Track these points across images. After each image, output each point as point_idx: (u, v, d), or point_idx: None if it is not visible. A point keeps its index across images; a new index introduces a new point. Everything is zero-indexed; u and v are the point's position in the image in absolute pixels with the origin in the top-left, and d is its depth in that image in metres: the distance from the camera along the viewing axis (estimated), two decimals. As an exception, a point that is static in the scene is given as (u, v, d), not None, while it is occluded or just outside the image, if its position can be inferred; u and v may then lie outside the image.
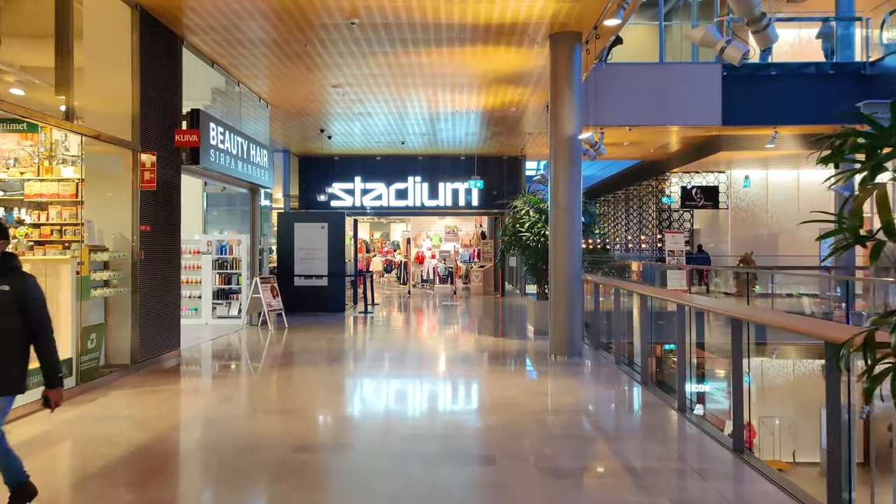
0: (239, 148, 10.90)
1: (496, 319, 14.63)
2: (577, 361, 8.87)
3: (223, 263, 13.04)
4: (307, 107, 13.81)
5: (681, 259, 21.41)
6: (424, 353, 9.68)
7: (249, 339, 11.19)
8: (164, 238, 8.71)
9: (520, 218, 11.59)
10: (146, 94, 8.20)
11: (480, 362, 8.98)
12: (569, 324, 9.12)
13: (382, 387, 7.51)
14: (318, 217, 15.89)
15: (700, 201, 21.32)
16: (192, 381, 7.66)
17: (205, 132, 9.38)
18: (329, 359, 9.14)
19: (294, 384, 7.54)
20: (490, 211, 21.17)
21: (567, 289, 9.12)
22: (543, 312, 11.26)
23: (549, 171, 9.29)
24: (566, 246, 9.14)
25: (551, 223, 9.29)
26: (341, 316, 14.65)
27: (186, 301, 12.86)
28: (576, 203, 9.16)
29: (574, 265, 9.15)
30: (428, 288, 23.26)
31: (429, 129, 16.24)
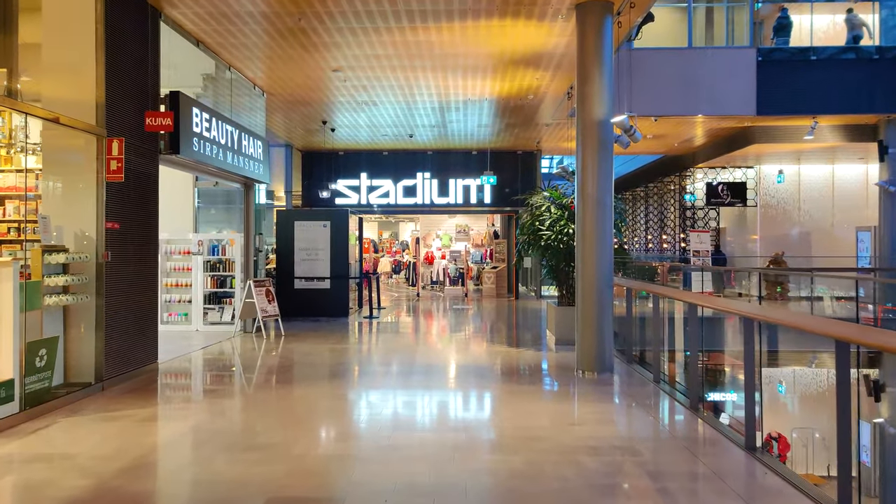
0: (228, 137, 9.83)
1: (512, 326, 13.49)
2: (609, 379, 7.73)
3: (215, 265, 12.00)
4: (307, 95, 12.74)
5: (706, 260, 20.25)
6: (433, 368, 8.57)
7: (240, 349, 10.12)
8: (137, 237, 7.64)
9: (539, 215, 10.46)
10: (114, 74, 7.14)
11: (496, 380, 7.86)
12: (599, 335, 7.98)
13: (382, 412, 6.40)
14: (320, 215, 14.82)
15: (727, 198, 20.10)
16: (163, 404, 6.58)
17: (186, 118, 8.32)
18: (323, 376, 8.04)
19: (280, 409, 6.45)
20: (503, 209, 20.04)
21: (596, 295, 7.98)
22: (566, 320, 10.14)
23: (577, 159, 8.16)
24: (595, 245, 7.99)
25: (578, 219, 8.15)
26: (344, 321, 13.57)
27: (176, 305, 11.84)
28: (607, 195, 8.02)
29: (604, 267, 8.01)
30: (438, 290, 22.15)
31: (438, 120, 15.13)
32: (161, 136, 8.06)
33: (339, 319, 13.84)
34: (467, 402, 6.77)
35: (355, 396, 7.02)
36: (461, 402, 6.77)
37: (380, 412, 6.29)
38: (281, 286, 14.43)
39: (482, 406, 6.70)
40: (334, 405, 6.60)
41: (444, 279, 22.04)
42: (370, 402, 6.81)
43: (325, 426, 5.86)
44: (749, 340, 4.77)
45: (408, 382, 7.67)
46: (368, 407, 6.61)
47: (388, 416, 6.09)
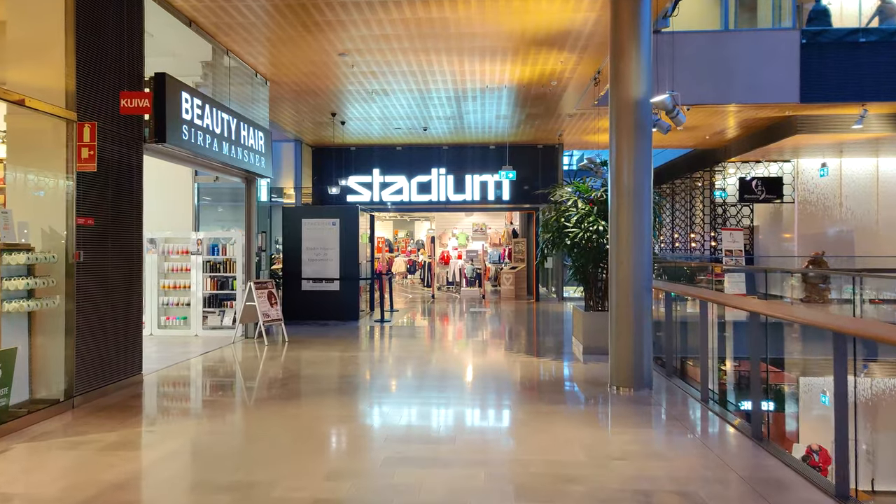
0: (225, 127, 9.00)
1: (533, 332, 12.55)
2: (648, 397, 6.78)
3: (215, 265, 11.19)
4: (313, 83, 11.89)
5: (739, 259, 19.15)
6: (447, 383, 7.67)
7: (239, 357, 9.29)
8: (116, 234, 6.83)
9: (565, 210, 9.51)
10: (88, 52, 6.32)
11: (519, 397, 6.94)
12: (636, 346, 7.03)
13: (386, 439, 5.51)
14: (329, 212, 13.97)
15: (761, 194, 18.99)
16: (137, 426, 5.74)
17: (174, 103, 7.49)
18: (323, 391, 7.16)
19: (269, 434, 5.59)
20: (521, 206, 19.09)
21: (633, 300, 7.03)
22: (595, 327, 9.19)
23: (610, 146, 7.21)
24: (631, 243, 7.04)
25: (612, 214, 7.20)
26: (354, 326, 12.71)
27: (174, 309, 11.07)
28: (644, 187, 7.06)
29: (642, 269, 7.05)
30: (454, 291, 21.25)
31: (454, 111, 14.22)
32: (145, 123, 7.24)
33: (349, 324, 12.99)
34: (486, 427, 5.86)
35: (356, 418, 6.13)
36: (479, 427, 5.86)
37: (383, 439, 5.39)
38: (288, 288, 13.63)
39: (503, 432, 5.78)
40: (330, 430, 5.71)
41: (460, 280, 21.13)
42: (372, 426, 5.93)
43: (318, 458, 4.97)
44: (841, 362, 3.80)
45: (417, 400, 6.77)
46: (370, 432, 5.72)
47: (393, 445, 5.19)
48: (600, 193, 9.32)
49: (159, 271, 11.13)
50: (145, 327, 11.03)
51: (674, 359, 7.94)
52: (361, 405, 6.52)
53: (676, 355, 8.07)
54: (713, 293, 6.94)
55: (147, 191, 11.36)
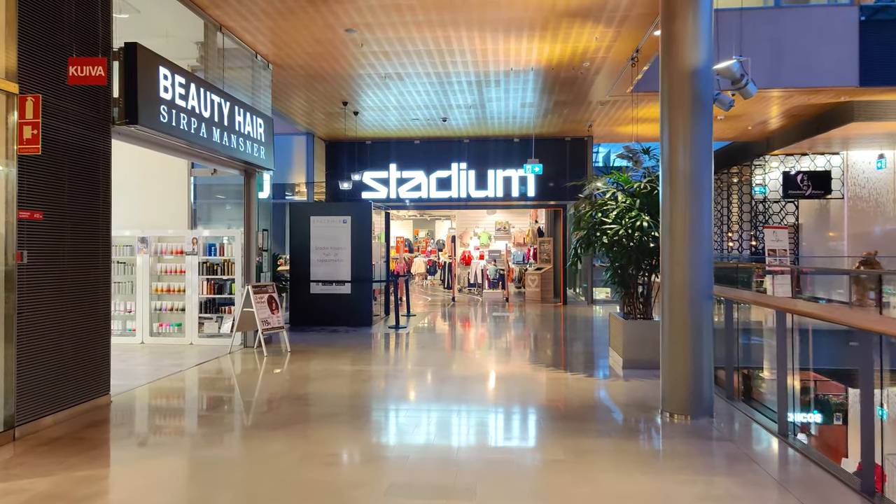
0: (216, 111, 7.95)
1: (563, 341, 11.35)
2: (709, 428, 5.57)
3: (213, 267, 10.17)
4: (321, 67, 10.82)
5: (784, 259, 17.72)
6: (464, 405, 6.54)
7: (232, 370, 8.25)
8: (76, 232, 5.80)
9: (602, 204, 8.31)
10: (34, 11, 5.29)
11: (553, 428, 5.76)
12: (694, 365, 5.82)
13: (388, 490, 4.38)
14: (340, 209, 12.90)
15: (807, 190, 17.54)
16: (80, 467, 4.68)
17: (148, 79, 6.44)
18: (319, 417, 6.05)
19: (237, 481, 4.49)
20: (547, 203, 17.87)
21: (690, 309, 5.82)
22: (636, 337, 7.99)
23: (661, 126, 6.01)
24: (688, 242, 5.84)
25: (664, 207, 6.00)
26: (366, 333, 11.61)
27: (167, 315, 10.08)
28: (704, 174, 5.85)
29: (701, 272, 5.84)
30: (475, 293, 20.09)
31: (476, 98, 13.07)
32: (114, 102, 6.20)
33: (361, 330, 11.90)
34: (514, 474, 4.69)
35: (352, 457, 5.01)
36: (505, 473, 4.70)
37: (383, 491, 4.26)
38: (295, 291, 12.59)
39: (537, 481, 4.62)
40: (319, 475, 4.60)
41: (482, 281, 19.97)
42: (372, 468, 4.80)
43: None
44: None
45: (429, 431, 5.63)
46: (368, 478, 4.59)
47: (396, 500, 4.06)
48: (643, 185, 8.11)
49: (151, 273, 10.14)
50: (136, 335, 10.06)
51: (735, 376, 6.71)
52: (361, 438, 5.40)
53: (738, 371, 6.83)
54: (804, 305, 5.68)
55: (137, 185, 10.58)
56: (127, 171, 10.33)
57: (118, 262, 10.17)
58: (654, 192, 8.04)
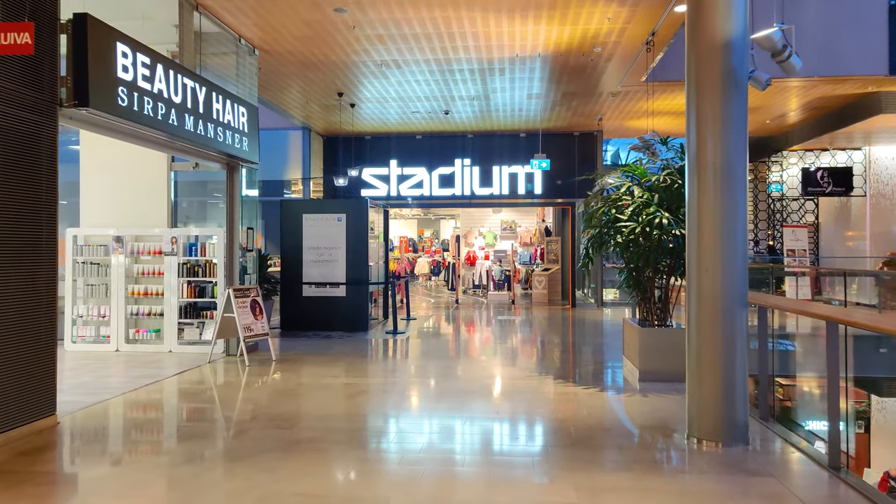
0: (188, 96, 7.20)
1: (571, 348, 10.55)
2: (745, 457, 4.77)
3: (193, 268, 9.43)
4: (312, 53, 10.06)
5: (803, 260, 16.88)
6: (465, 428, 5.76)
7: (207, 383, 7.50)
8: (11, 230, 5.05)
9: (617, 199, 7.51)
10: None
11: (563, 455, 4.97)
12: (726, 383, 5.02)
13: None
14: (334, 206, 12.14)
15: (827, 187, 16.67)
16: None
17: (102, 55, 5.69)
18: (291, 444, 5.27)
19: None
20: (554, 201, 17.08)
21: (723, 319, 5.02)
22: (654, 346, 7.21)
23: (687, 108, 5.22)
24: (720, 242, 5.04)
25: (690, 202, 5.21)
26: (362, 339, 10.85)
27: (145, 320, 9.35)
28: (739, 162, 5.05)
29: (735, 277, 5.04)
30: (480, 295, 19.31)
31: (480, 89, 12.29)
32: (62, 81, 5.45)
33: (356, 336, 11.13)
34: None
35: (319, 500, 4.24)
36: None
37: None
38: (286, 294, 11.84)
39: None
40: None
41: (487, 283, 19.18)
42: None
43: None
44: None
45: (419, 461, 4.86)
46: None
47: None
48: (662, 177, 7.31)
49: (128, 275, 9.41)
50: (110, 342, 9.34)
51: (771, 394, 5.90)
52: (335, 473, 4.62)
53: (773, 387, 6.03)
54: (863, 316, 4.86)
55: (113, 180, 9.79)
56: (102, 165, 9.63)
57: (91, 262, 9.45)
58: (674, 185, 7.25)
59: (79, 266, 9.44)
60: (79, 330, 9.45)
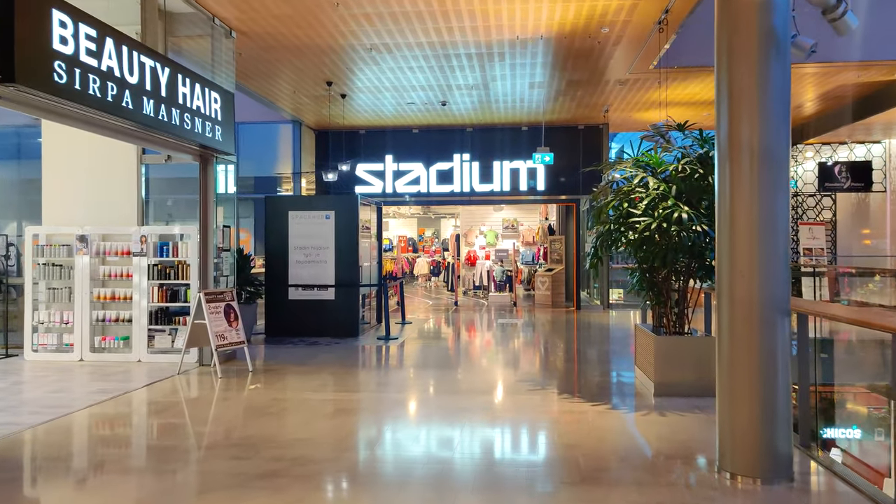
0: (148, 77, 6.40)
1: (577, 356, 9.74)
2: (790, 499, 3.97)
3: (165, 270, 8.65)
4: (295, 35, 9.26)
5: (821, 259, 16.06)
6: (457, 454, 4.96)
7: (170, 399, 6.71)
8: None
9: (629, 192, 6.70)
10: None
11: (569, 499, 4.17)
12: (765, 409, 4.20)
13: None
14: (322, 203, 11.35)
15: (846, 182, 15.83)
16: None
17: (33, 24, 4.90)
18: (248, 479, 4.47)
19: None
20: (558, 198, 16.28)
21: (762, 332, 4.21)
22: (671, 356, 6.43)
23: (718, 80, 4.40)
24: (758, 241, 4.23)
25: (721, 192, 4.39)
26: (351, 346, 10.05)
27: (113, 327, 8.57)
28: (780, 145, 4.24)
29: (776, 281, 4.22)
30: (480, 296, 18.50)
31: (479, 77, 11.48)
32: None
33: (345, 343, 10.33)
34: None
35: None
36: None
37: None
38: (271, 297, 11.05)
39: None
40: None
41: (488, 283, 18.37)
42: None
43: None
44: None
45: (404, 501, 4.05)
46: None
47: None
48: (680, 166, 6.49)
49: (93, 278, 8.63)
50: (73, 351, 8.56)
51: (813, 418, 5.08)
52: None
53: (816, 413, 5.22)
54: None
55: (77, 175, 8.94)
56: (66, 159, 8.86)
57: (53, 264, 8.67)
58: (694, 175, 6.44)
59: (40, 268, 8.67)
60: (40, 338, 8.67)
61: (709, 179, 6.36)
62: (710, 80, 11.60)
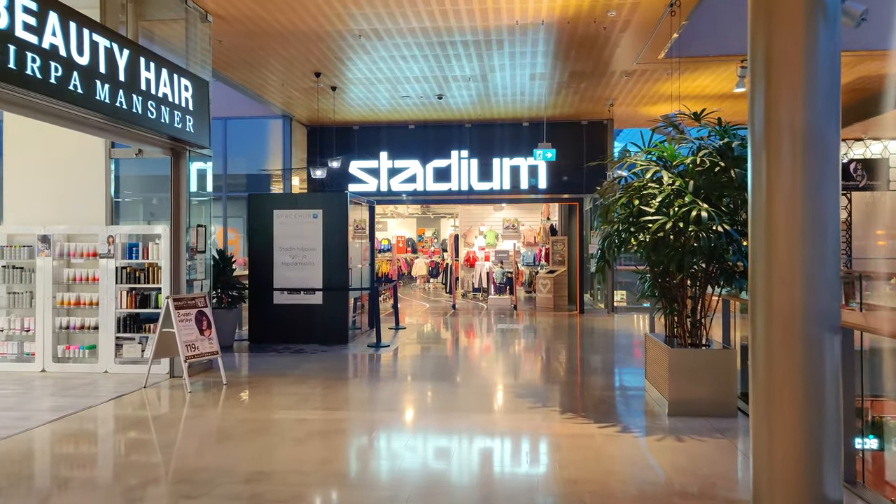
0: (102, 58, 5.72)
1: (580, 367, 9.05)
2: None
3: (135, 273, 7.97)
4: (277, 20, 8.58)
5: (836, 262, 15.25)
6: (444, 493, 4.28)
7: (131, 418, 6.02)
8: None
9: (642, 187, 6.00)
10: None
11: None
12: (809, 442, 3.50)
13: None
14: (309, 201, 10.67)
15: (862, 180, 15.12)
16: None
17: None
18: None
19: None
20: (560, 197, 15.59)
21: (807, 352, 3.51)
22: (688, 371, 5.74)
23: (753, 50, 3.71)
24: (802, 242, 3.53)
25: (754, 185, 3.70)
26: (339, 354, 9.37)
27: (78, 335, 7.90)
28: (830, 125, 3.56)
29: (825, 291, 3.53)
30: (480, 299, 17.81)
31: (477, 68, 10.80)
32: None
33: (333, 351, 9.64)
34: None
35: None
36: None
37: None
38: (255, 301, 10.38)
39: None
40: None
41: (487, 286, 17.67)
42: None
43: None
44: None
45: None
46: None
47: None
48: (698, 159, 5.80)
49: (57, 282, 7.95)
50: (35, 360, 7.88)
51: (855, 445, 4.38)
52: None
53: (864, 439, 4.52)
54: None
55: (40, 171, 8.18)
56: (28, 153, 8.18)
57: (14, 266, 8.00)
58: (714, 169, 5.74)
59: (0, 271, 8.00)
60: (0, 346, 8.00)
61: (731, 173, 5.67)
62: (722, 71, 10.91)
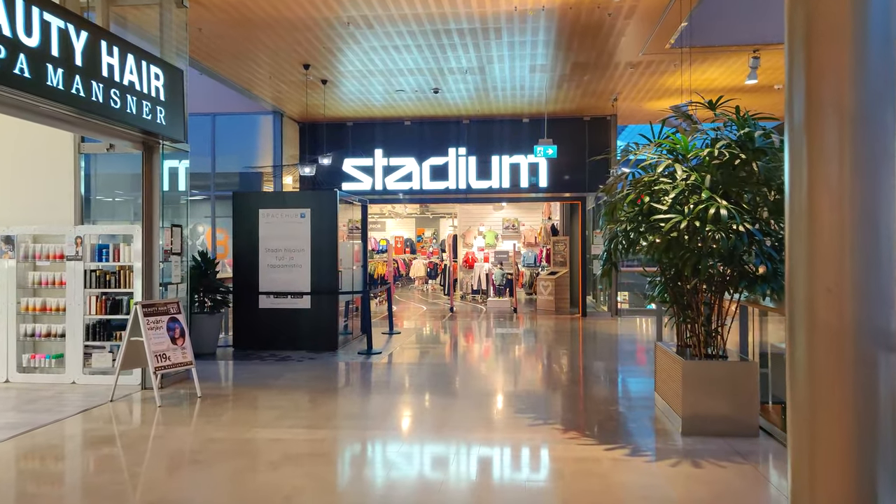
0: (55, 40, 5.17)
1: (584, 377, 8.48)
2: None
3: (104, 277, 7.42)
4: (258, 6, 8.03)
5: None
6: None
7: (87, 437, 5.47)
8: None
9: (653, 182, 5.44)
10: None
11: None
12: (861, 477, 2.94)
13: None
14: (296, 200, 10.12)
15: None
16: None
17: None
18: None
19: None
20: (562, 196, 15.05)
21: (859, 373, 2.95)
22: (704, 385, 5.19)
23: (791, 19, 3.14)
24: (851, 242, 2.97)
25: (793, 178, 3.13)
26: (327, 362, 8.81)
27: (44, 343, 7.36)
28: (885, 105, 2.99)
29: (877, 300, 2.97)
30: (479, 301, 17.26)
31: (474, 59, 10.25)
32: None
33: (321, 358, 9.08)
34: None
35: None
36: None
37: None
38: (240, 305, 9.83)
39: None
40: None
41: (486, 287, 17.12)
42: None
43: None
44: None
45: None
46: None
47: None
48: (716, 151, 5.23)
49: (21, 285, 7.40)
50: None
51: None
52: None
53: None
54: None
55: (4, 166, 7.73)
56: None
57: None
58: (734, 162, 5.18)
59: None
60: (-41, 355, 7.44)
61: (753, 166, 5.11)
62: (732, 63, 10.35)
